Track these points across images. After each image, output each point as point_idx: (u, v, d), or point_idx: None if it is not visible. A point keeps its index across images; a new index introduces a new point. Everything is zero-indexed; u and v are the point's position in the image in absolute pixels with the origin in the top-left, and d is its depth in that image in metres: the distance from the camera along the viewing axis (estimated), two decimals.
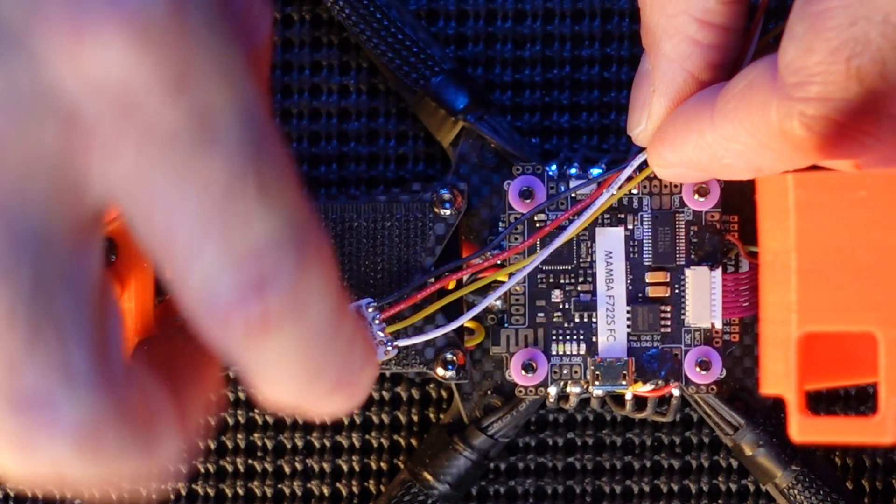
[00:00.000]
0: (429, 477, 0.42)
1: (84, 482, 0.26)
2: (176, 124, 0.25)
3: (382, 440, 0.44)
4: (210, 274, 0.26)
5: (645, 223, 0.41)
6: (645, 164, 0.39)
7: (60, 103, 0.24)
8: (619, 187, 0.40)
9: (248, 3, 0.29)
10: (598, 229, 0.41)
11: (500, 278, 0.41)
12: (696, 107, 0.35)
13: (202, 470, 0.44)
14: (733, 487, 0.44)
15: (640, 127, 0.37)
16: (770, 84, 0.32)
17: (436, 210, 0.41)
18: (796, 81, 0.31)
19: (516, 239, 0.41)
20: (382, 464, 0.44)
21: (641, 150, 0.38)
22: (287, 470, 0.44)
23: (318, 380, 0.27)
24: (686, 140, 0.35)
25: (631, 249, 0.41)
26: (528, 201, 0.41)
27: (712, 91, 0.35)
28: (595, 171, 0.41)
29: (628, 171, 0.39)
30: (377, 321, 0.39)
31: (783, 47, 0.31)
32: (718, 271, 0.40)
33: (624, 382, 0.40)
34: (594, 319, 0.41)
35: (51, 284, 0.25)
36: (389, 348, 0.40)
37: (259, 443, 0.44)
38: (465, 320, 0.40)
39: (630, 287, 0.41)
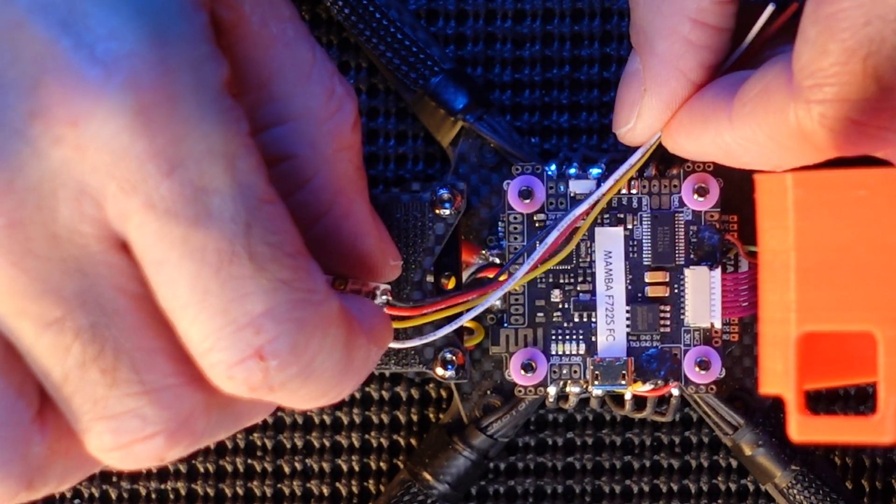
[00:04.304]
0: (428, 477, 0.42)
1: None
2: (170, 198, 0.27)
3: (382, 440, 0.44)
4: (207, 343, 0.28)
5: (644, 223, 0.41)
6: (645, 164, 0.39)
7: (68, 181, 0.27)
8: (616, 181, 0.40)
9: (330, 89, 0.32)
10: (597, 229, 0.41)
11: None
12: (712, 104, 0.35)
13: (202, 470, 0.44)
14: (733, 487, 0.44)
15: (629, 125, 0.37)
16: (786, 88, 0.32)
17: (435, 210, 0.41)
18: (812, 84, 0.31)
19: (515, 238, 0.41)
20: (382, 464, 0.44)
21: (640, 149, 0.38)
22: (287, 470, 0.44)
23: (330, 399, 0.31)
24: (703, 134, 0.35)
25: (630, 249, 0.41)
26: (528, 201, 0.41)
27: (727, 87, 0.35)
28: (594, 171, 0.41)
29: (624, 168, 0.39)
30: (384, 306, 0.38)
31: (797, 51, 0.31)
32: (718, 271, 0.40)
33: (623, 382, 0.40)
34: (593, 319, 0.41)
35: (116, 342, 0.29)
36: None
37: (259, 443, 0.44)
38: (463, 322, 0.40)
39: (629, 287, 0.41)
